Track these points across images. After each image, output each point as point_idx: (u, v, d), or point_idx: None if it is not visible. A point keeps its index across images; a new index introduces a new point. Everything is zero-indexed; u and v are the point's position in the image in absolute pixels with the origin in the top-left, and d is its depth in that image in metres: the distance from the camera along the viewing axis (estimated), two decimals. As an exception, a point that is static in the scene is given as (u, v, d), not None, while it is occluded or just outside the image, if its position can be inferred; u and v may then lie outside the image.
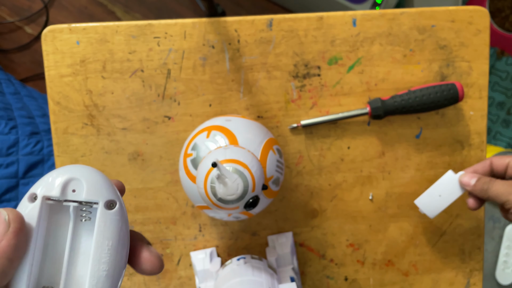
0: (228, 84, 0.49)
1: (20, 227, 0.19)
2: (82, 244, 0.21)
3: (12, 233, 0.18)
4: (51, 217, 0.21)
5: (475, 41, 0.49)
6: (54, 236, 0.21)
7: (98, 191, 0.21)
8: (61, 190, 0.20)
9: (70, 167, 0.21)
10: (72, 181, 0.20)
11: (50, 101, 0.48)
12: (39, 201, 0.20)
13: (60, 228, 0.21)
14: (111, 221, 0.21)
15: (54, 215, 0.21)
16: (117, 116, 0.49)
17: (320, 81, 0.49)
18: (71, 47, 0.47)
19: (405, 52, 0.49)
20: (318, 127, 0.50)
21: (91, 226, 0.21)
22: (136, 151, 0.49)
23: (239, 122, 0.41)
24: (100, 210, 0.21)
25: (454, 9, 0.49)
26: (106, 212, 0.21)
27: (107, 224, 0.21)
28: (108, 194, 0.21)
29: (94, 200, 0.21)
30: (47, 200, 0.20)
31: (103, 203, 0.21)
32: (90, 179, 0.21)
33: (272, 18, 0.48)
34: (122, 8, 1.26)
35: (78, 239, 0.21)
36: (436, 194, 0.46)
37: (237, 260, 0.45)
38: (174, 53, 0.48)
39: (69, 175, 0.20)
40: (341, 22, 0.48)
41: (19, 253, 0.19)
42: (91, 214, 0.21)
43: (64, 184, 0.20)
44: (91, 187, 0.21)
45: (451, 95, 0.46)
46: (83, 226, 0.21)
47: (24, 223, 0.19)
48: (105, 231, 0.21)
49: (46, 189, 0.20)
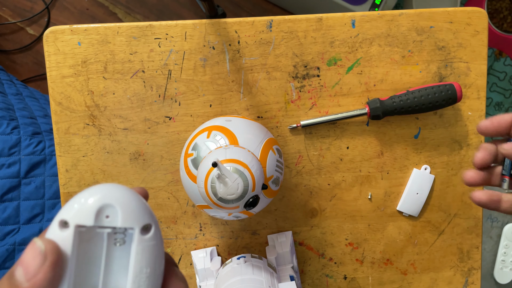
0: (228, 84, 0.49)
1: (56, 260, 0.18)
2: (115, 268, 0.20)
3: (49, 267, 0.17)
4: (83, 243, 0.20)
5: (473, 42, 0.50)
6: (87, 262, 0.20)
7: (133, 216, 0.20)
8: (94, 218, 0.19)
9: (102, 188, 0.20)
10: (106, 207, 0.19)
11: (52, 101, 0.49)
12: (72, 229, 0.19)
13: (92, 253, 0.20)
14: (148, 247, 0.20)
15: (86, 241, 0.20)
16: (118, 117, 0.49)
17: (319, 81, 0.49)
18: (72, 48, 0.48)
19: (404, 53, 0.49)
20: (317, 127, 0.50)
21: (125, 249, 0.20)
22: (137, 151, 0.50)
23: (239, 122, 0.42)
24: (137, 237, 0.19)
25: (453, 10, 0.49)
26: (142, 238, 0.20)
27: (145, 251, 0.20)
28: (143, 219, 0.20)
29: (129, 226, 0.19)
30: (79, 228, 0.19)
31: (139, 229, 0.20)
32: (125, 204, 0.19)
33: (271, 20, 0.48)
34: (124, 9, 1.27)
35: (111, 264, 0.20)
36: (414, 193, 0.51)
37: (237, 259, 0.45)
38: (175, 54, 0.48)
39: (102, 202, 0.19)
40: (340, 24, 0.49)
41: (55, 285, 0.18)
42: (125, 238, 0.20)
43: (98, 211, 0.19)
44: (126, 213, 0.19)
45: (449, 96, 0.47)
46: (116, 250, 0.20)
47: (60, 255, 0.18)
48: (142, 259, 0.19)
49: (79, 218, 0.19)
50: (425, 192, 0.51)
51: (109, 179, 0.50)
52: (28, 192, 0.69)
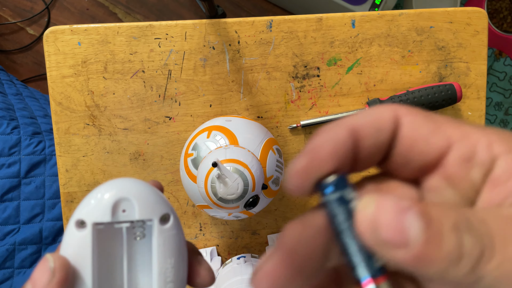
0: (228, 84, 0.49)
1: (65, 277, 0.17)
2: (138, 262, 0.20)
3: (56, 284, 0.17)
4: (102, 241, 0.19)
5: (473, 42, 0.50)
6: (109, 261, 0.20)
7: (150, 208, 0.19)
8: (111, 214, 0.18)
9: (115, 183, 0.19)
10: (121, 201, 0.19)
11: (52, 101, 0.49)
12: (90, 228, 0.18)
13: (113, 250, 0.20)
14: (170, 237, 0.19)
15: (106, 239, 0.19)
16: (118, 117, 0.49)
17: (319, 82, 0.50)
18: (72, 48, 0.48)
19: (404, 53, 0.49)
20: (317, 127, 0.50)
21: (146, 243, 0.20)
22: (137, 151, 0.50)
23: (239, 122, 0.42)
24: (157, 228, 0.19)
25: (452, 10, 0.49)
26: (162, 229, 0.19)
27: (166, 241, 0.19)
28: (161, 209, 0.19)
29: (148, 218, 0.19)
30: (97, 225, 0.19)
31: (157, 219, 0.19)
32: (140, 196, 0.19)
33: (271, 20, 0.48)
34: (124, 9, 1.27)
35: (134, 260, 0.20)
36: None
37: (237, 259, 0.45)
38: (175, 54, 0.48)
39: (117, 196, 0.19)
40: (340, 24, 0.49)
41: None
42: (145, 231, 0.20)
43: (114, 206, 0.18)
44: (142, 205, 0.19)
45: (449, 96, 0.47)
46: (137, 244, 0.20)
47: (70, 271, 0.18)
48: (165, 250, 0.19)
49: (95, 215, 0.18)
50: None
51: (109, 179, 0.50)
52: (28, 192, 0.69)
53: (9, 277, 0.69)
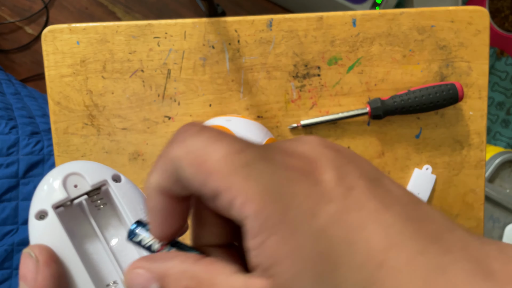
0: (228, 84, 0.49)
1: (49, 256, 0.17)
2: (111, 228, 0.20)
3: (44, 266, 0.17)
4: (70, 223, 0.19)
5: (475, 41, 0.49)
6: (84, 238, 0.20)
7: (98, 173, 0.20)
8: (64, 191, 0.19)
9: (57, 168, 0.19)
10: (68, 177, 0.19)
11: (51, 101, 0.48)
12: (52, 213, 0.18)
13: (83, 229, 0.20)
14: (129, 189, 0.20)
15: (72, 220, 0.19)
16: (117, 116, 0.49)
17: (320, 81, 0.49)
18: (71, 47, 0.48)
19: (405, 52, 0.49)
20: (318, 127, 0.50)
21: (110, 207, 0.20)
22: (137, 151, 0.49)
23: (239, 122, 0.41)
24: (113, 186, 0.19)
25: (454, 9, 0.49)
26: (119, 186, 0.20)
27: (128, 192, 0.20)
28: (109, 171, 0.20)
29: (100, 181, 0.19)
30: (57, 209, 0.19)
31: (111, 178, 0.20)
32: (84, 167, 0.20)
33: (272, 18, 0.48)
34: (123, 8, 1.26)
35: (107, 227, 0.20)
36: (415, 194, 0.48)
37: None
38: (174, 53, 0.48)
39: (63, 174, 0.19)
40: (341, 22, 0.48)
41: (61, 278, 0.17)
42: (104, 199, 0.20)
43: (64, 184, 0.19)
44: (90, 173, 0.19)
45: (450, 95, 0.46)
46: (102, 212, 0.20)
47: (50, 250, 0.18)
48: (131, 200, 0.19)
49: (51, 199, 0.18)
50: (426, 192, 0.50)
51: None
52: (26, 192, 0.69)
53: (8, 278, 0.68)
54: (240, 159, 0.14)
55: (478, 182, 0.51)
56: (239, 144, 0.14)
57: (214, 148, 0.14)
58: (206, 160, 0.14)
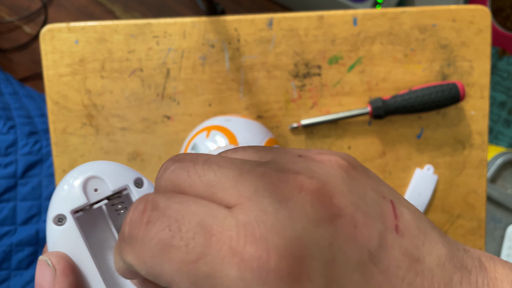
0: (228, 83, 0.48)
1: (66, 265, 0.17)
2: None
3: (61, 275, 0.17)
4: (89, 229, 0.19)
5: (477, 41, 0.49)
6: (102, 245, 0.19)
7: (120, 176, 0.18)
8: (84, 196, 0.18)
9: (77, 169, 0.19)
10: (89, 181, 0.18)
11: (49, 100, 0.48)
12: (70, 218, 0.18)
13: (102, 234, 0.19)
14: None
15: (91, 226, 0.19)
16: (116, 116, 0.48)
17: (320, 80, 0.49)
18: (69, 46, 0.47)
19: (406, 51, 0.49)
20: (318, 127, 0.49)
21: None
22: (135, 151, 0.49)
23: (239, 122, 0.41)
24: (135, 192, 0.19)
25: (455, 8, 0.48)
26: (140, 191, 0.19)
27: None
28: (131, 175, 0.19)
29: (122, 186, 0.18)
30: (76, 214, 0.18)
31: (132, 184, 0.19)
32: (106, 170, 0.19)
33: (272, 17, 0.48)
34: (121, 7, 1.26)
35: None
36: (416, 194, 0.50)
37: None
38: (174, 53, 0.48)
39: (84, 177, 0.18)
40: (342, 21, 0.48)
41: (79, 286, 0.17)
42: (124, 203, 0.19)
43: (84, 188, 0.18)
44: (112, 177, 0.18)
45: (452, 95, 0.46)
46: (123, 218, 0.19)
47: (67, 259, 0.17)
48: None
49: (70, 203, 0.18)
50: (428, 192, 0.50)
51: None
52: (25, 193, 0.68)
53: (6, 279, 0.68)
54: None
55: (480, 183, 0.51)
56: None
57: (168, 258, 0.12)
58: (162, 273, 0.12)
